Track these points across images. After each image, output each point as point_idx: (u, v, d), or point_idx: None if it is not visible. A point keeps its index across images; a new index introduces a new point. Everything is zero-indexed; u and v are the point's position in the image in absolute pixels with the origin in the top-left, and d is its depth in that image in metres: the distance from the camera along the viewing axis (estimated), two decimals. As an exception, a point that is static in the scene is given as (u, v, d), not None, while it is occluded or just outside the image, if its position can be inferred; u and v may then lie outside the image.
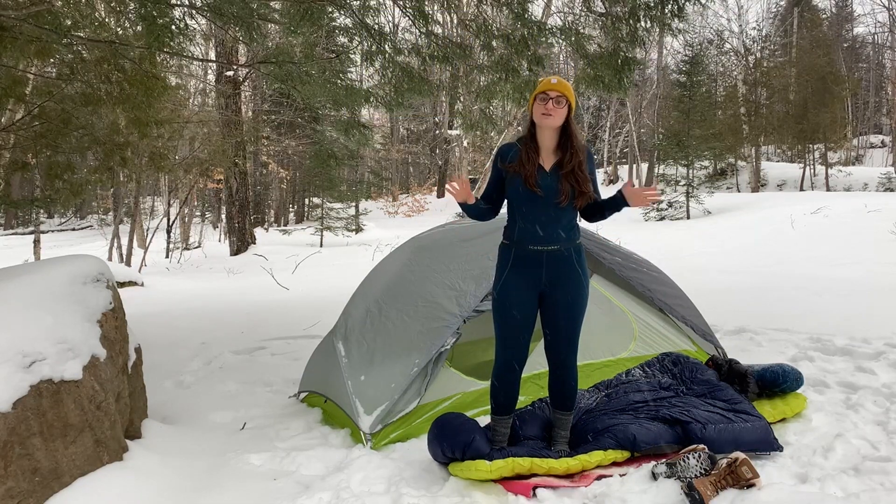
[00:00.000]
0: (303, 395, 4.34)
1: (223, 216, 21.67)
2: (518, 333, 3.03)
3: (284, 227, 23.95)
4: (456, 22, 6.75)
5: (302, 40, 5.84)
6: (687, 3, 5.01)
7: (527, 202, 2.96)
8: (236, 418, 4.04)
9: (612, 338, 4.24)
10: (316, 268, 13.38)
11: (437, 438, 3.07)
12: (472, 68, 6.29)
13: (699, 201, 20.10)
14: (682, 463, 2.84)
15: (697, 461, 2.84)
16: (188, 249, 18.72)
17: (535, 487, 2.85)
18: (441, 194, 32.10)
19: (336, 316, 4.46)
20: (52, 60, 6.94)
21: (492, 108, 7.25)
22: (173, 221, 18.77)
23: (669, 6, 5.05)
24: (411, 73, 5.83)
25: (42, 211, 20.87)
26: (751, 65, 29.65)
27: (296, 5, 5.07)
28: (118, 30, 5.83)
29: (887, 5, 33.26)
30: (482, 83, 6.38)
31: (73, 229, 32.21)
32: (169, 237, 17.95)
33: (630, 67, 5.53)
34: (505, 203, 3.12)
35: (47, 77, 7.29)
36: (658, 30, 5.49)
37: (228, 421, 4.01)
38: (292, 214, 31.54)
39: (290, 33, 5.44)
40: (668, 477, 2.83)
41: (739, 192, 27.46)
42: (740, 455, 2.80)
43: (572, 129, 2.98)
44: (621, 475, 2.95)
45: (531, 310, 3.03)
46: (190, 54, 6.98)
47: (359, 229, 21.01)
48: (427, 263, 4.15)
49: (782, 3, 37.13)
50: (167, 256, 17.02)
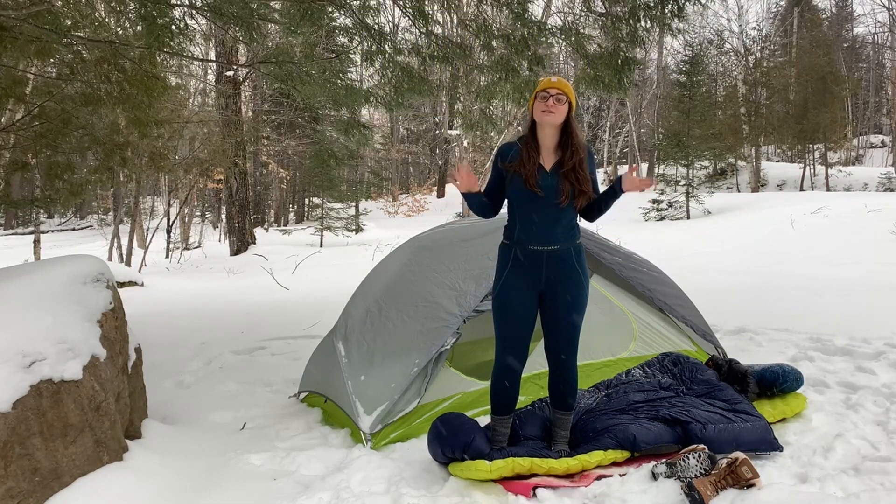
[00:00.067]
0: (303, 395, 4.34)
1: (223, 216, 21.67)
2: (518, 333, 3.03)
3: (284, 227, 23.95)
4: (456, 22, 6.76)
5: (302, 40, 5.84)
6: (687, 3, 5.01)
7: (527, 202, 2.96)
8: (236, 418, 4.04)
9: (612, 338, 4.24)
10: (316, 268, 13.38)
11: (437, 438, 3.07)
12: (472, 68, 6.29)
13: (699, 201, 20.11)
14: (682, 463, 2.84)
15: (697, 461, 2.84)
16: (188, 249, 18.71)
17: (535, 487, 2.85)
18: (441, 194, 32.09)
19: (336, 316, 4.46)
20: (52, 60, 6.94)
21: (492, 108, 7.25)
22: (173, 221, 18.77)
23: (669, 6, 5.05)
24: (411, 73, 5.83)
25: (42, 211, 20.87)
26: (751, 65, 29.65)
27: (296, 5, 5.07)
28: (118, 30, 5.83)
29: (887, 5, 33.29)
30: (482, 83, 6.38)
31: (73, 229, 32.19)
32: (169, 237, 17.95)
33: (630, 67, 5.53)
34: (505, 203, 3.12)
35: (47, 77, 7.29)
36: (658, 30, 5.49)
37: (228, 421, 4.01)
38: (292, 214, 31.54)
39: (290, 33, 5.44)
40: (668, 477, 2.83)
41: (739, 192, 27.46)
42: (740, 455, 2.80)
43: (573, 127, 2.98)
44: (621, 475, 2.95)
45: (531, 310, 3.03)
46: (190, 54, 6.99)
47: (359, 229, 21.01)
48: (427, 263, 4.15)
49: (782, 3, 37.14)
50: (167, 256, 17.02)
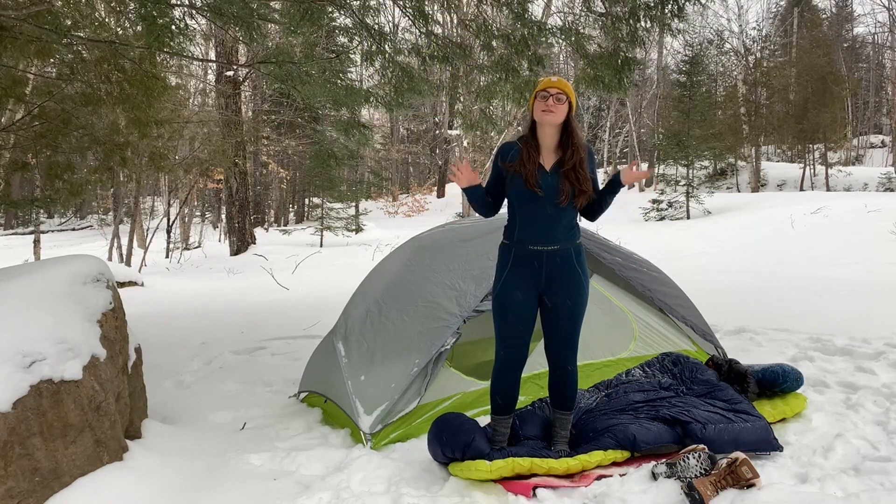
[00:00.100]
0: (303, 395, 4.34)
1: (223, 216, 21.67)
2: (518, 333, 3.03)
3: (284, 227, 23.95)
4: (456, 22, 6.76)
5: (302, 40, 5.84)
6: (687, 3, 5.01)
7: (527, 202, 2.96)
8: (236, 418, 4.04)
9: (612, 338, 4.24)
10: (316, 268, 13.38)
11: (436, 438, 3.07)
12: (472, 68, 6.29)
13: (699, 201, 20.12)
14: (682, 463, 2.84)
15: (697, 461, 2.84)
16: (188, 249, 18.72)
17: (535, 487, 2.85)
18: (441, 194, 32.09)
19: (336, 316, 4.46)
20: (52, 60, 6.94)
21: (492, 108, 7.25)
22: (173, 221, 18.77)
23: (669, 6, 5.05)
24: (411, 73, 5.83)
25: (42, 211, 20.86)
26: (751, 65, 29.65)
27: (296, 5, 5.07)
28: (118, 30, 5.83)
29: (887, 5, 33.29)
30: (482, 83, 6.38)
31: (73, 229, 32.19)
32: (169, 237, 17.95)
33: (630, 67, 5.53)
34: (505, 203, 3.12)
35: (47, 77, 7.28)
36: (658, 30, 5.49)
37: (228, 421, 4.01)
38: (292, 214, 31.54)
39: (290, 33, 5.44)
40: (668, 477, 2.83)
41: (739, 192, 27.46)
42: (740, 455, 2.79)
43: (573, 126, 2.98)
44: (621, 475, 2.95)
45: (531, 310, 3.03)
46: (190, 54, 6.99)
47: (359, 229, 21.01)
48: (427, 263, 4.15)
49: (782, 3, 37.13)
50: (167, 256, 17.02)
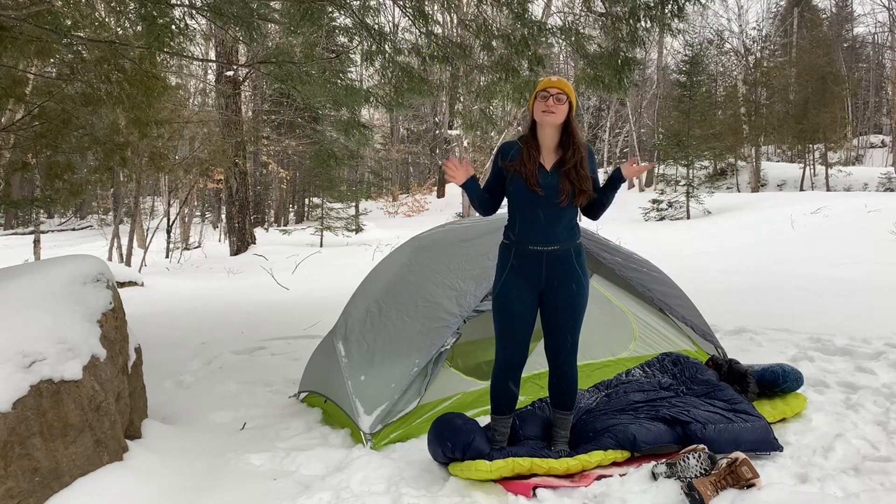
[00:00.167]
0: (303, 395, 4.34)
1: (223, 216, 21.67)
2: (518, 333, 3.03)
3: (284, 227, 23.95)
4: (456, 22, 6.76)
5: (302, 40, 5.84)
6: (687, 3, 5.01)
7: (527, 202, 2.96)
8: (236, 418, 4.04)
9: (612, 338, 4.24)
10: (316, 268, 13.38)
11: (437, 438, 3.07)
12: (472, 68, 6.29)
13: (699, 201, 20.12)
14: (682, 463, 2.84)
15: (697, 461, 2.84)
16: (188, 249, 18.72)
17: (535, 487, 2.85)
18: (441, 194, 32.09)
19: (336, 316, 4.46)
20: (52, 60, 6.94)
21: (492, 108, 7.25)
22: (173, 221, 18.77)
23: (669, 6, 5.05)
24: (411, 73, 5.83)
25: (42, 211, 20.86)
26: (751, 65, 29.65)
27: (296, 5, 5.07)
28: (118, 30, 5.83)
29: (887, 5, 33.29)
30: (482, 83, 6.38)
31: (73, 229, 32.20)
32: (169, 237, 17.95)
33: (630, 67, 5.53)
34: (505, 203, 3.12)
35: (47, 77, 7.28)
36: (658, 30, 5.49)
37: (228, 421, 4.01)
38: (292, 214, 31.54)
39: (290, 33, 5.44)
40: (668, 477, 2.83)
41: (739, 192, 27.46)
42: (740, 455, 2.79)
43: (573, 126, 2.98)
44: (621, 475, 2.95)
45: (531, 310, 3.03)
46: (190, 54, 6.98)
47: (359, 229, 21.01)
48: (427, 263, 4.15)
49: (782, 3, 37.13)
50: (167, 256, 17.02)
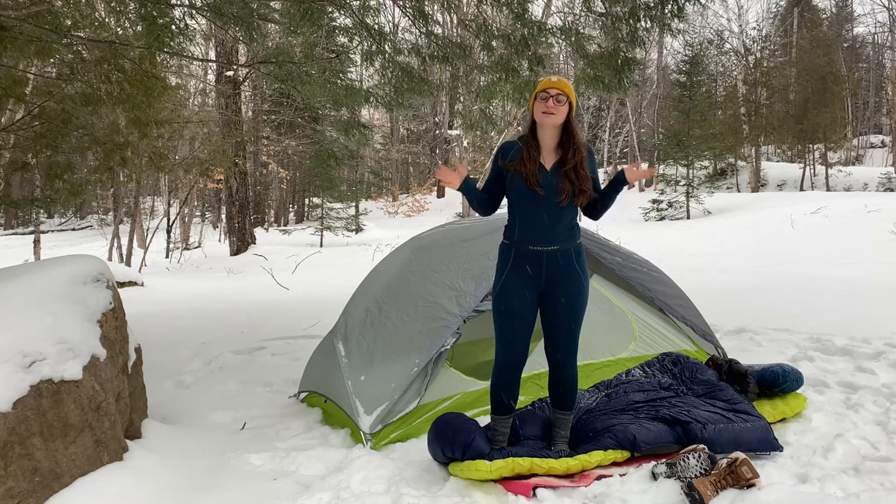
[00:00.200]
0: (303, 395, 4.34)
1: (223, 216, 21.67)
2: (518, 333, 3.03)
3: (284, 227, 23.95)
4: (456, 22, 6.76)
5: (302, 40, 5.84)
6: (687, 3, 5.02)
7: (528, 201, 2.96)
8: (236, 418, 4.04)
9: (612, 338, 4.24)
10: (316, 268, 13.38)
11: (437, 438, 3.07)
12: (472, 68, 6.29)
13: (699, 201, 20.12)
14: (682, 463, 2.84)
15: (697, 461, 2.84)
16: (188, 249, 18.72)
17: (535, 487, 2.85)
18: (441, 194, 32.10)
19: (336, 316, 4.46)
20: (52, 60, 6.94)
21: (492, 108, 7.25)
22: (173, 221, 18.77)
23: (669, 6, 5.05)
24: (411, 73, 5.83)
25: (42, 211, 20.87)
26: (751, 65, 29.65)
27: (296, 5, 5.07)
28: (118, 30, 5.83)
29: (887, 5, 33.29)
30: (482, 83, 6.38)
31: (73, 229, 32.20)
32: (169, 237, 17.95)
33: (630, 67, 5.53)
34: (505, 203, 3.12)
35: (47, 77, 7.29)
36: (658, 30, 5.49)
37: (228, 421, 4.01)
38: (292, 214, 31.54)
39: (290, 33, 5.44)
40: (668, 477, 2.83)
41: (739, 192, 27.47)
42: (740, 455, 2.79)
43: (573, 126, 2.98)
44: (621, 475, 2.95)
45: (531, 310, 3.03)
46: (190, 54, 6.98)
47: (359, 229, 21.01)
48: (427, 263, 4.15)
49: (782, 3, 37.13)
50: (167, 256, 17.02)
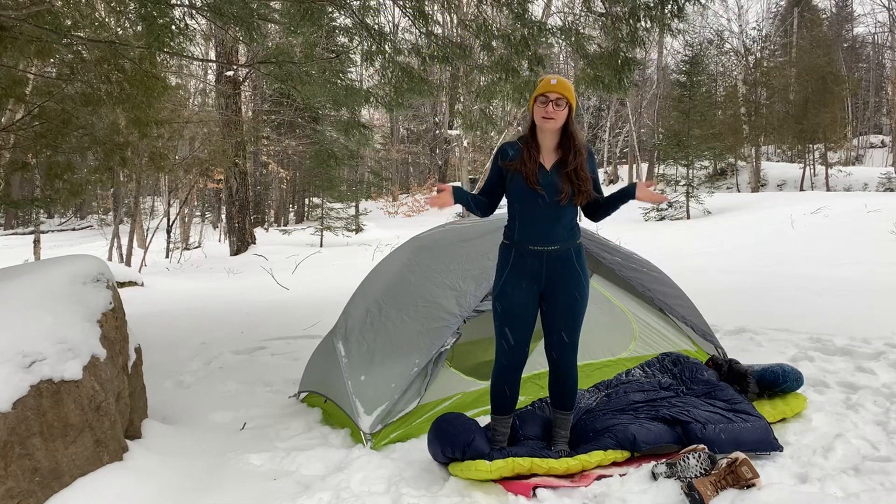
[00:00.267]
0: (303, 395, 4.34)
1: (223, 216, 21.67)
2: (518, 333, 3.03)
3: (284, 227, 23.95)
4: (456, 22, 6.76)
5: (302, 40, 5.84)
6: (687, 3, 5.02)
7: (528, 201, 2.96)
8: (236, 418, 4.04)
9: (612, 338, 4.24)
10: (316, 268, 13.38)
11: (437, 438, 3.07)
12: (472, 68, 6.29)
13: (699, 201, 20.11)
14: (682, 463, 2.84)
15: (697, 461, 2.84)
16: (188, 249, 18.72)
17: (535, 487, 2.85)
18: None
19: (336, 316, 4.46)
20: (52, 60, 6.94)
21: (492, 108, 7.25)
22: (173, 221, 18.76)
23: (669, 6, 5.05)
24: (411, 73, 5.83)
25: (42, 211, 20.87)
26: (751, 65, 29.65)
27: (296, 5, 5.07)
28: (118, 30, 5.83)
29: (887, 5, 33.29)
30: (482, 83, 6.38)
31: (73, 229, 32.21)
32: (169, 237, 17.95)
33: (630, 67, 5.53)
34: (506, 204, 3.12)
35: (47, 77, 7.29)
36: (658, 30, 5.49)
37: (228, 421, 4.01)
38: (292, 214, 31.54)
39: (290, 33, 5.44)
40: (668, 477, 2.83)
41: (739, 192, 27.46)
42: (740, 455, 2.79)
43: (573, 129, 2.99)
44: (621, 475, 2.95)
45: (531, 310, 3.04)
46: (190, 54, 6.98)
47: (359, 229, 21.01)
48: (427, 263, 4.15)
49: (782, 3, 37.14)
50: (167, 256, 17.02)
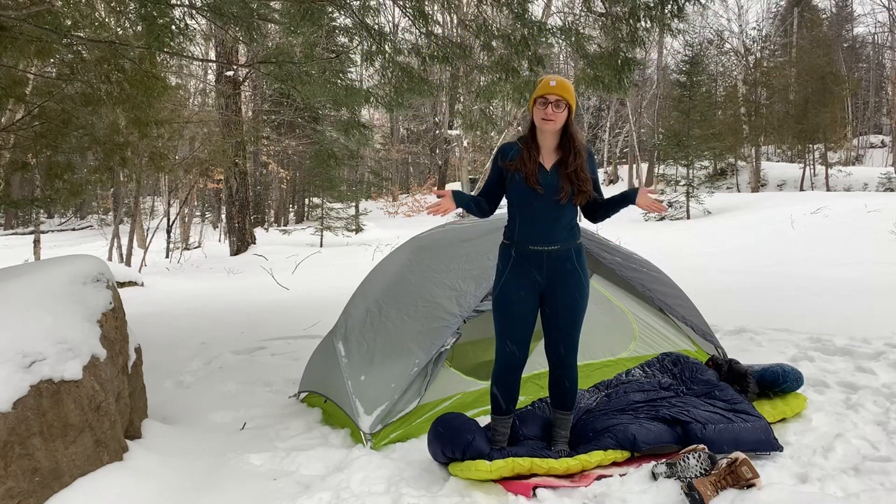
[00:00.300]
0: (303, 395, 4.34)
1: (223, 216, 21.66)
2: (518, 333, 3.03)
3: (284, 227, 23.94)
4: (456, 22, 6.76)
5: (302, 40, 5.84)
6: (687, 3, 5.02)
7: (528, 201, 2.97)
8: (236, 418, 4.04)
9: (612, 338, 4.24)
10: (316, 268, 13.38)
11: (437, 438, 3.07)
12: (472, 68, 6.29)
13: (699, 201, 20.11)
14: (682, 463, 2.84)
15: (697, 461, 2.84)
16: (188, 249, 18.72)
17: (535, 487, 2.85)
18: (441, 195, 32.07)
19: (336, 316, 4.46)
20: (52, 60, 6.94)
21: (492, 108, 7.25)
22: (173, 221, 18.76)
23: (669, 6, 5.05)
24: (411, 73, 5.83)
25: (42, 211, 20.86)
26: (751, 65, 29.66)
27: (296, 5, 5.07)
28: (118, 30, 5.83)
29: (887, 5, 33.29)
30: (482, 83, 6.38)
31: (73, 229, 32.20)
32: (169, 237, 17.95)
33: (630, 67, 5.53)
34: (506, 204, 3.13)
35: (47, 77, 7.29)
36: (658, 30, 5.49)
37: (228, 421, 4.01)
38: (292, 214, 31.53)
39: (290, 33, 5.44)
40: (668, 477, 2.83)
41: (739, 192, 27.46)
42: (740, 455, 2.79)
43: (572, 130, 2.99)
44: (621, 475, 2.95)
45: (531, 310, 3.04)
46: (190, 54, 6.98)
47: (359, 229, 21.01)
48: (427, 263, 4.15)
49: (782, 3, 37.13)
50: (167, 256, 17.01)
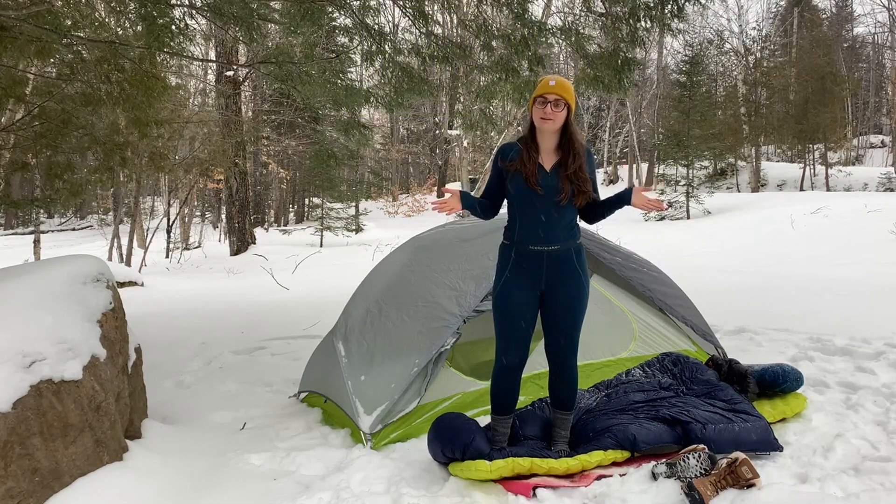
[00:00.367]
0: (303, 395, 4.34)
1: (223, 216, 21.66)
2: (518, 334, 3.03)
3: (284, 227, 23.94)
4: (456, 22, 6.76)
5: (302, 40, 5.84)
6: (687, 3, 5.02)
7: (527, 201, 2.97)
8: (236, 418, 4.04)
9: (612, 338, 4.24)
10: (316, 268, 13.38)
11: (437, 438, 3.07)
12: (472, 68, 6.30)
13: (699, 201, 20.11)
14: (682, 463, 2.84)
15: (697, 461, 2.84)
16: (188, 249, 18.71)
17: (535, 487, 2.85)
18: (441, 195, 32.03)
19: (336, 316, 4.46)
20: (52, 60, 6.94)
21: (492, 108, 7.25)
22: (173, 221, 18.76)
23: (669, 6, 5.05)
24: (411, 73, 5.83)
25: (42, 211, 20.86)
26: (751, 65, 29.66)
27: (296, 5, 5.07)
28: (118, 30, 5.83)
29: (887, 5, 33.29)
30: (482, 83, 6.38)
31: (73, 229, 32.21)
32: (169, 237, 17.95)
33: (630, 67, 5.54)
34: (506, 204, 3.13)
35: (47, 77, 7.29)
36: (658, 30, 5.49)
37: (228, 421, 4.01)
38: (292, 214, 31.54)
39: (290, 33, 5.45)
40: (668, 477, 2.83)
41: (739, 192, 27.46)
42: (740, 455, 2.79)
43: (572, 130, 2.99)
44: (621, 475, 2.95)
45: (531, 310, 3.04)
46: (190, 54, 6.98)
47: (359, 229, 21.01)
48: (427, 263, 4.15)
49: (782, 3, 37.13)
50: (167, 256, 17.01)
